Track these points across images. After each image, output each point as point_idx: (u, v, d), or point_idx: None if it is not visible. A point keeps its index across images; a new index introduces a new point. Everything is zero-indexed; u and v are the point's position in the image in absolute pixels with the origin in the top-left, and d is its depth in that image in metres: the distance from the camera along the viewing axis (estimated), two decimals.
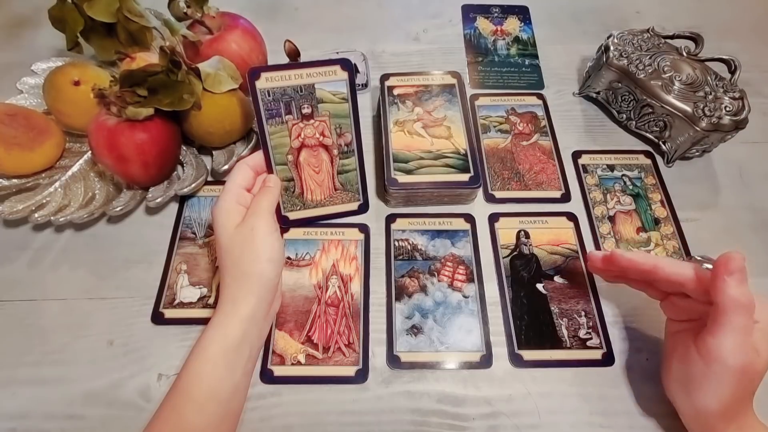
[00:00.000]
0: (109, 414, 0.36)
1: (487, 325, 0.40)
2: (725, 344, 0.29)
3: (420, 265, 0.43)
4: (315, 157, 0.41)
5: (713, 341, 0.30)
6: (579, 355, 0.39)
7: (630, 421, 0.36)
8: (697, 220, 0.46)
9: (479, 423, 0.36)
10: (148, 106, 0.39)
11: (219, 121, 0.43)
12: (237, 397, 0.33)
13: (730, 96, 0.45)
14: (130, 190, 0.44)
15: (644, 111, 0.48)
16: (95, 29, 0.45)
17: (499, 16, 0.62)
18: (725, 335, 0.29)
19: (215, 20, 0.47)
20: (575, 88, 0.55)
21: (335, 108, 0.40)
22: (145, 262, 0.43)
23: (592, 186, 0.48)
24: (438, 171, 0.44)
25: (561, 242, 0.44)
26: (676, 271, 0.32)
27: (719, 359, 0.29)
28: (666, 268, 0.33)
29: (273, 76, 0.38)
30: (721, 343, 0.29)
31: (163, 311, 0.40)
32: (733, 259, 0.29)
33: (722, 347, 0.29)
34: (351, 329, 0.40)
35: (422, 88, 0.49)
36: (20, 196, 0.44)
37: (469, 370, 0.38)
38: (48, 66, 0.51)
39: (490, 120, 0.52)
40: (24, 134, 0.43)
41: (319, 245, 0.44)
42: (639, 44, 0.50)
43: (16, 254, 0.44)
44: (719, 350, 0.29)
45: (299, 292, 0.41)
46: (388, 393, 0.37)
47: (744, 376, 0.29)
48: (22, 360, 0.38)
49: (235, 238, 0.34)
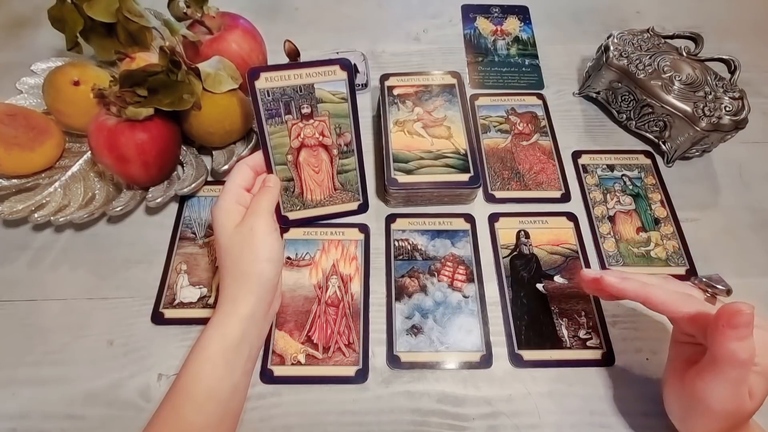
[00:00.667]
0: (109, 414, 0.36)
1: (487, 325, 0.40)
2: (714, 393, 0.28)
3: (420, 265, 0.43)
4: (315, 157, 0.41)
5: (702, 385, 0.28)
6: (579, 355, 0.39)
7: (630, 421, 0.36)
8: (697, 220, 0.46)
9: (479, 423, 0.36)
10: (148, 106, 0.39)
11: (219, 121, 0.43)
12: (237, 396, 0.33)
13: (730, 96, 0.45)
14: (130, 190, 0.44)
15: (644, 111, 0.48)
16: (95, 29, 0.45)
17: (499, 16, 0.62)
18: (716, 385, 0.28)
19: (215, 20, 0.47)
20: (575, 88, 0.55)
21: (335, 108, 0.40)
22: (145, 262, 0.43)
23: (592, 186, 0.48)
24: (438, 171, 0.44)
25: (561, 242, 0.44)
26: (669, 308, 0.30)
27: (705, 402, 0.28)
28: (657, 301, 0.30)
29: (273, 76, 0.38)
30: (711, 390, 0.28)
31: (163, 311, 0.40)
32: (740, 313, 0.26)
33: (711, 394, 0.28)
34: (351, 329, 0.40)
35: (422, 88, 0.49)
36: (20, 196, 0.44)
37: (469, 370, 0.38)
38: (48, 66, 0.51)
39: (490, 120, 0.52)
40: (24, 134, 0.43)
41: (319, 245, 0.44)
42: (639, 44, 0.50)
43: (16, 254, 0.44)
44: (706, 395, 0.28)
45: (299, 292, 0.41)
46: (388, 393, 0.37)
47: (731, 417, 0.28)
48: (22, 360, 0.38)
49: (235, 238, 0.34)
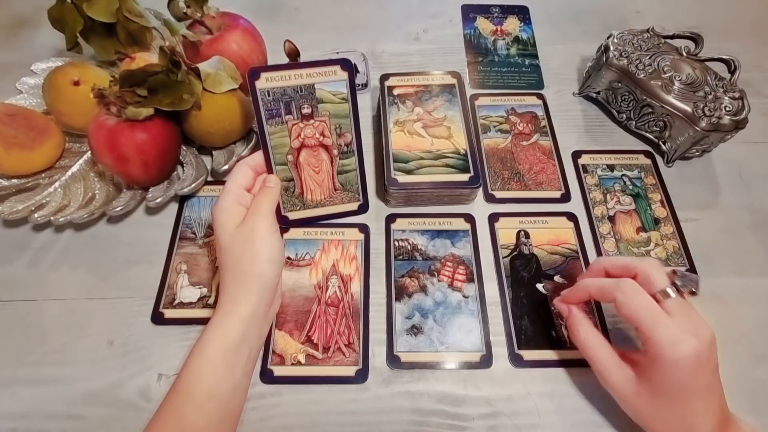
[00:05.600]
0: (109, 414, 0.36)
1: (487, 325, 0.40)
2: (657, 338, 0.29)
3: (420, 265, 0.43)
4: (315, 157, 0.41)
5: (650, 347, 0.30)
6: (579, 355, 0.38)
7: (630, 421, 0.36)
8: (697, 220, 0.46)
9: (479, 423, 0.36)
10: (148, 106, 0.39)
11: (219, 121, 0.43)
12: (237, 396, 0.33)
13: (730, 96, 0.45)
14: (130, 190, 0.44)
15: (644, 111, 0.48)
16: (95, 29, 0.45)
17: (499, 16, 0.62)
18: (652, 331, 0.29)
19: (215, 20, 0.47)
20: (575, 88, 0.55)
21: (335, 108, 0.40)
22: (145, 262, 0.43)
23: (592, 186, 0.48)
24: (438, 171, 0.44)
25: (561, 242, 0.44)
26: (604, 299, 0.34)
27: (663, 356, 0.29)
28: (595, 295, 0.34)
29: (273, 76, 0.38)
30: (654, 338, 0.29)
31: (163, 311, 0.40)
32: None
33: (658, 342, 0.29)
34: (351, 329, 0.40)
35: (422, 88, 0.49)
36: (20, 196, 0.44)
37: (469, 370, 0.38)
38: (48, 66, 0.51)
39: (490, 120, 0.52)
40: (24, 134, 0.43)
41: (319, 245, 0.44)
42: (639, 44, 0.50)
43: (16, 254, 0.44)
44: (658, 347, 0.29)
45: (299, 292, 0.41)
46: (388, 393, 0.37)
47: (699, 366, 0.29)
48: (22, 360, 0.38)
49: (236, 238, 0.34)
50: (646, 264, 0.32)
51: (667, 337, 0.29)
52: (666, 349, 0.29)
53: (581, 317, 0.36)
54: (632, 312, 0.30)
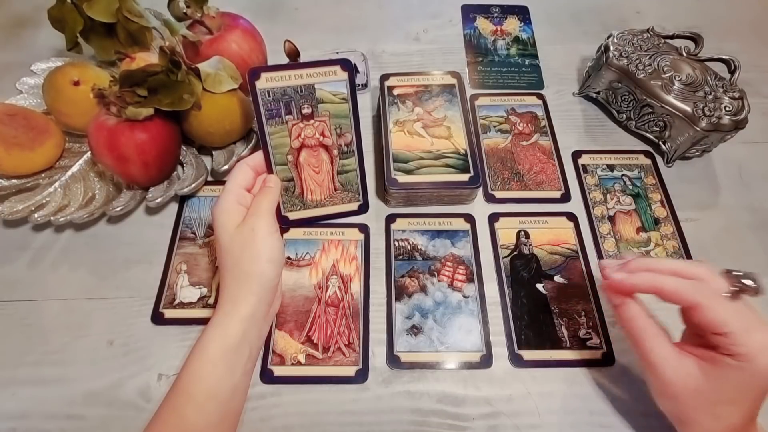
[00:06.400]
0: (109, 414, 0.36)
1: (487, 325, 0.40)
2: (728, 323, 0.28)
3: (420, 265, 0.43)
4: (315, 157, 0.41)
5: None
6: (579, 355, 0.39)
7: (630, 421, 0.36)
8: (697, 220, 0.46)
9: (479, 423, 0.36)
10: (148, 106, 0.39)
11: (219, 121, 0.43)
12: (237, 396, 0.33)
13: (730, 96, 0.45)
14: (130, 190, 0.44)
15: (644, 111, 0.48)
16: (95, 29, 0.45)
17: (499, 16, 0.62)
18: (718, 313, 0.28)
19: (215, 20, 0.47)
20: (575, 88, 0.55)
21: (335, 108, 0.40)
22: (145, 262, 0.43)
23: (592, 186, 0.48)
24: (438, 171, 0.44)
25: (561, 242, 0.44)
26: (681, 298, 0.30)
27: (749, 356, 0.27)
28: (669, 291, 0.30)
29: (273, 76, 0.38)
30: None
31: (163, 311, 0.40)
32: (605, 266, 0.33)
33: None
34: (351, 329, 0.40)
35: (422, 88, 0.49)
36: (20, 196, 0.44)
37: (469, 370, 0.38)
38: (48, 66, 0.51)
39: (490, 120, 0.52)
40: (24, 134, 0.43)
41: (319, 245, 0.44)
42: (639, 44, 0.50)
43: (16, 254, 0.44)
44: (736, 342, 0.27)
45: (299, 292, 0.41)
46: (388, 393, 0.37)
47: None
48: (22, 360, 0.38)
49: (236, 238, 0.34)
50: (703, 269, 0.30)
51: (763, 342, 0.27)
52: (763, 355, 0.27)
53: (637, 307, 0.32)
54: (721, 317, 0.28)
